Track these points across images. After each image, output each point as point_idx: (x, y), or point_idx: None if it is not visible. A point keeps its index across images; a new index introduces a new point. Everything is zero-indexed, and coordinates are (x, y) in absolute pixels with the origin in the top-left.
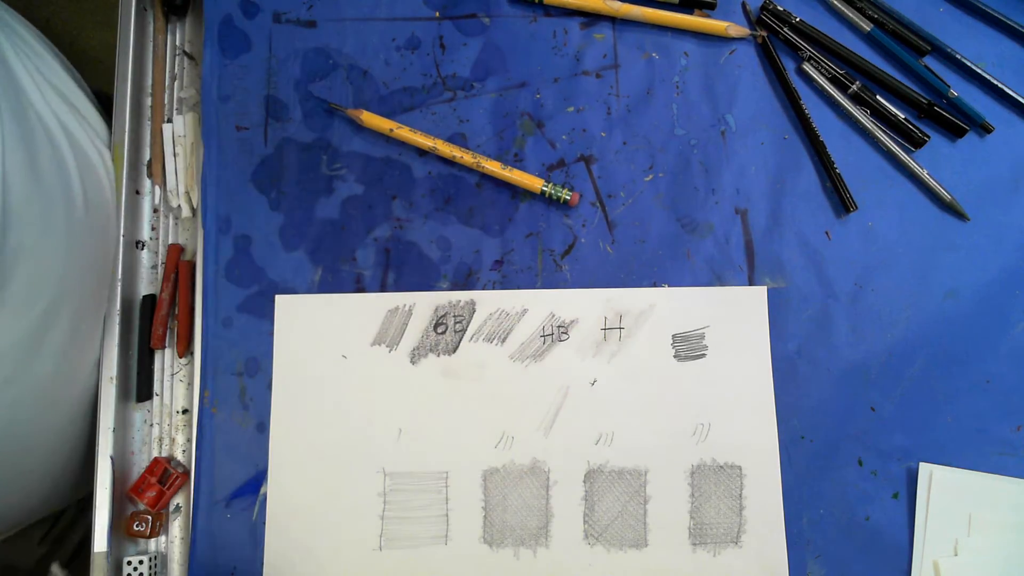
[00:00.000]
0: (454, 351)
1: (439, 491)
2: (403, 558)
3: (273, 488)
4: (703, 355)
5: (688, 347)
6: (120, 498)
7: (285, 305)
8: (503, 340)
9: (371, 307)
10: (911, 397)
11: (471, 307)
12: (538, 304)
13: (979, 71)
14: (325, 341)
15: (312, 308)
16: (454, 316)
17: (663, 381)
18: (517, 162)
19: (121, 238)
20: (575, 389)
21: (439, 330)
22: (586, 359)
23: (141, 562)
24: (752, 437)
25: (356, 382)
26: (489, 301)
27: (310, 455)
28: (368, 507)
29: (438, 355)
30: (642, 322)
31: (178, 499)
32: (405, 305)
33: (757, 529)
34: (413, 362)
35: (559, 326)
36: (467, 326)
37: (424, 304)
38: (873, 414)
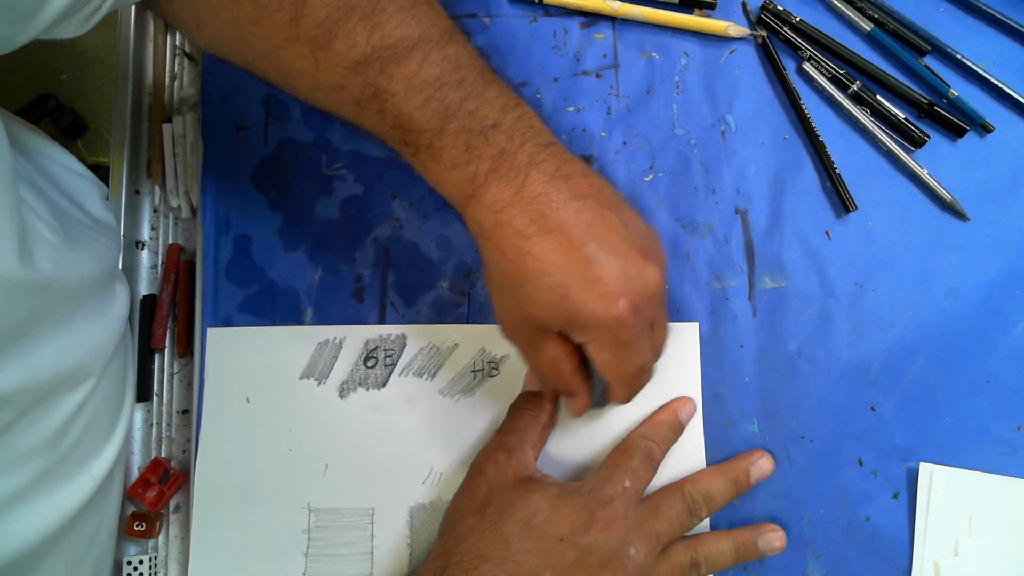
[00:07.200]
0: (383, 385)
1: (364, 528)
2: None
3: (198, 522)
4: None
5: None
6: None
7: (216, 339)
8: (433, 375)
9: (301, 340)
10: (911, 397)
11: (402, 341)
12: (468, 339)
13: (979, 71)
14: (254, 375)
15: (242, 341)
16: (384, 350)
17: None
18: None
19: (121, 238)
20: None
21: (369, 364)
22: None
23: (141, 562)
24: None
25: (284, 416)
26: (419, 335)
27: (235, 490)
28: (292, 544)
29: (367, 389)
30: None
31: (178, 499)
32: (335, 338)
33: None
34: (342, 396)
35: (489, 361)
36: (397, 360)
37: (354, 337)
38: (873, 414)
